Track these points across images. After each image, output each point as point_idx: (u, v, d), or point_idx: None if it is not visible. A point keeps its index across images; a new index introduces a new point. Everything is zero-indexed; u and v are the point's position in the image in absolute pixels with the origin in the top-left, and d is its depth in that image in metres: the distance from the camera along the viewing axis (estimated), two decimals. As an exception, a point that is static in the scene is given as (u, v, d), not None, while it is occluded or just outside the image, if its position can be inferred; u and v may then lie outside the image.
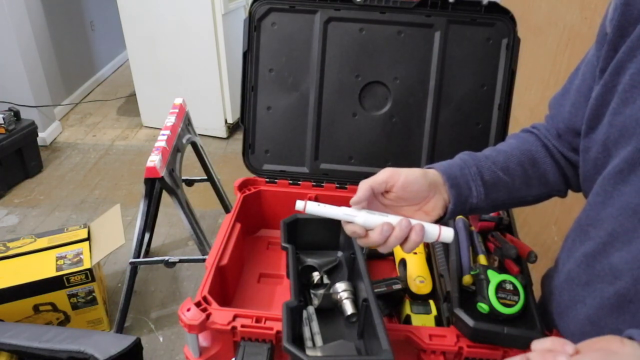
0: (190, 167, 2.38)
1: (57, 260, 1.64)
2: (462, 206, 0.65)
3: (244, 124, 1.05)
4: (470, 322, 0.66)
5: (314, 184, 1.04)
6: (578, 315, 0.60)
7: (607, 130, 0.55)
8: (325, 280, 0.82)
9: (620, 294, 0.52)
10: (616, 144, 0.53)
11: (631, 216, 0.51)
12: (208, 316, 0.68)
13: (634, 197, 0.51)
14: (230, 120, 3.17)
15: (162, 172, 1.58)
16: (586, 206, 0.60)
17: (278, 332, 0.67)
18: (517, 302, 0.67)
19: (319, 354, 0.67)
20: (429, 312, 0.81)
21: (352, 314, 0.74)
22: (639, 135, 0.50)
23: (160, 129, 1.83)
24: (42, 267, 1.61)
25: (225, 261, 0.83)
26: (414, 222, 0.60)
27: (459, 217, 0.87)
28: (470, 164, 0.66)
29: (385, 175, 0.62)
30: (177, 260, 1.68)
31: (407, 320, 0.81)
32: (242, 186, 1.03)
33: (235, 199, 1.01)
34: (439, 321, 0.80)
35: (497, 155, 0.68)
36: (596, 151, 0.57)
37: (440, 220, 0.65)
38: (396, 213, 0.63)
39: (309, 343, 0.71)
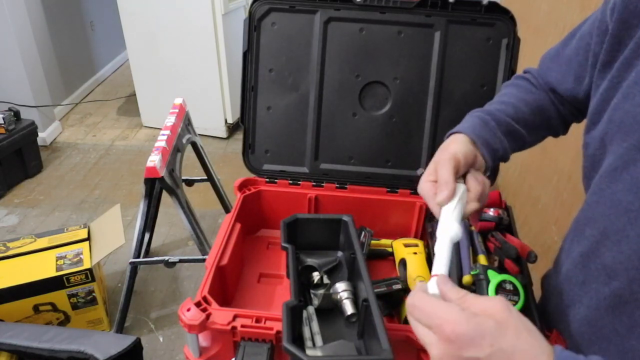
0: (190, 167, 2.37)
1: (57, 260, 1.64)
2: (494, 159, 0.67)
3: (244, 124, 1.05)
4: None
5: (314, 184, 1.04)
6: (576, 316, 0.60)
7: (606, 127, 0.54)
8: (325, 280, 0.82)
9: (615, 295, 0.52)
10: (612, 140, 0.53)
11: (622, 215, 0.51)
12: (208, 316, 0.68)
13: (626, 195, 0.50)
14: (230, 120, 3.17)
15: (162, 172, 1.58)
16: (584, 205, 0.60)
17: (278, 332, 0.67)
18: (517, 302, 0.68)
19: (319, 354, 0.67)
20: (429, 312, 0.81)
21: (352, 314, 0.74)
22: (635, 132, 0.49)
23: (160, 129, 1.83)
24: (42, 267, 1.61)
25: (225, 261, 0.83)
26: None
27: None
28: (488, 119, 0.68)
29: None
30: (177, 260, 1.68)
31: (407, 321, 0.81)
32: (242, 186, 1.03)
33: (235, 199, 1.01)
34: (439, 321, 0.80)
35: (507, 107, 0.70)
36: (594, 147, 0.57)
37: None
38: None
39: (309, 343, 0.71)
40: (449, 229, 0.56)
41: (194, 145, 2.04)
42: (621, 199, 0.51)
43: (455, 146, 0.63)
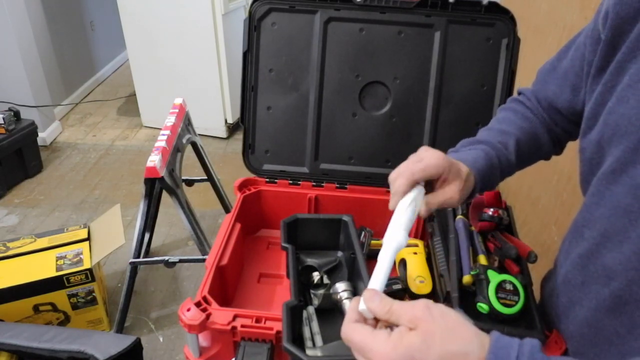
0: (190, 167, 2.37)
1: (57, 260, 1.64)
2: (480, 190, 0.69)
3: (244, 124, 1.05)
4: (470, 322, 0.66)
5: (314, 184, 1.04)
6: (576, 317, 0.60)
7: (602, 130, 0.55)
8: (325, 280, 0.82)
9: (615, 295, 0.52)
10: (609, 143, 0.53)
11: (622, 216, 0.51)
12: (208, 316, 0.68)
13: (625, 197, 0.51)
14: (230, 120, 3.17)
15: (162, 172, 1.58)
16: (582, 207, 0.60)
17: (278, 332, 0.67)
18: (517, 302, 0.68)
19: (319, 354, 0.67)
20: (429, 312, 0.81)
21: (352, 314, 0.74)
22: (630, 134, 0.50)
23: (160, 129, 1.83)
24: (42, 267, 1.61)
25: (225, 261, 0.83)
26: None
27: (459, 217, 0.87)
28: (492, 155, 0.69)
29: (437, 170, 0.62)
30: (177, 260, 1.68)
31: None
32: (242, 186, 1.03)
33: (235, 199, 1.01)
34: (439, 321, 0.79)
35: (508, 140, 0.71)
36: (591, 151, 0.57)
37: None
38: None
39: (309, 343, 0.71)
40: (395, 237, 0.55)
41: (194, 145, 2.04)
42: (621, 200, 0.51)
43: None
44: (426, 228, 1.00)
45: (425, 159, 0.62)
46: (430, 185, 0.64)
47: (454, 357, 0.41)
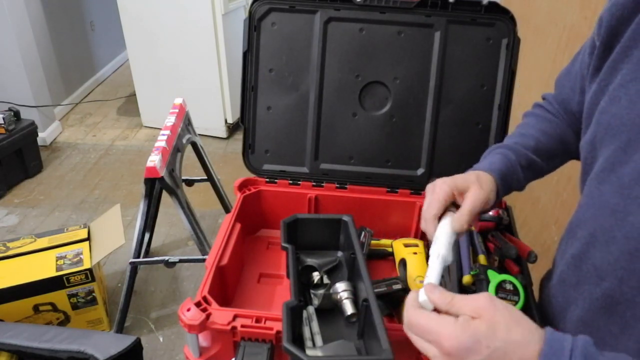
0: (190, 167, 2.37)
1: (57, 260, 1.64)
2: (508, 191, 0.71)
3: (244, 124, 1.05)
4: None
5: (314, 184, 1.04)
6: (572, 317, 0.60)
7: (595, 130, 0.55)
8: (325, 280, 0.82)
9: (607, 295, 0.53)
10: (602, 143, 0.54)
11: (609, 216, 0.51)
12: (208, 316, 0.68)
13: (613, 196, 0.51)
14: (230, 120, 3.17)
15: (162, 172, 1.58)
16: (577, 207, 0.61)
17: (278, 332, 0.67)
18: (517, 302, 0.68)
19: (319, 354, 0.67)
20: (429, 312, 0.81)
21: (352, 314, 0.74)
22: (621, 134, 0.50)
23: (160, 129, 1.83)
24: (42, 267, 1.61)
25: (225, 261, 0.83)
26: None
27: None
28: (508, 153, 0.71)
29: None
30: (177, 260, 1.68)
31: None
32: (242, 186, 1.03)
33: (235, 199, 1.01)
34: (439, 321, 0.79)
35: (526, 141, 0.73)
36: (585, 151, 0.58)
37: None
38: None
39: (309, 343, 0.71)
40: (442, 254, 0.59)
41: (194, 145, 2.04)
42: (609, 200, 0.52)
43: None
44: (426, 228, 1.00)
45: (437, 186, 0.66)
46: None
47: (516, 345, 0.43)
